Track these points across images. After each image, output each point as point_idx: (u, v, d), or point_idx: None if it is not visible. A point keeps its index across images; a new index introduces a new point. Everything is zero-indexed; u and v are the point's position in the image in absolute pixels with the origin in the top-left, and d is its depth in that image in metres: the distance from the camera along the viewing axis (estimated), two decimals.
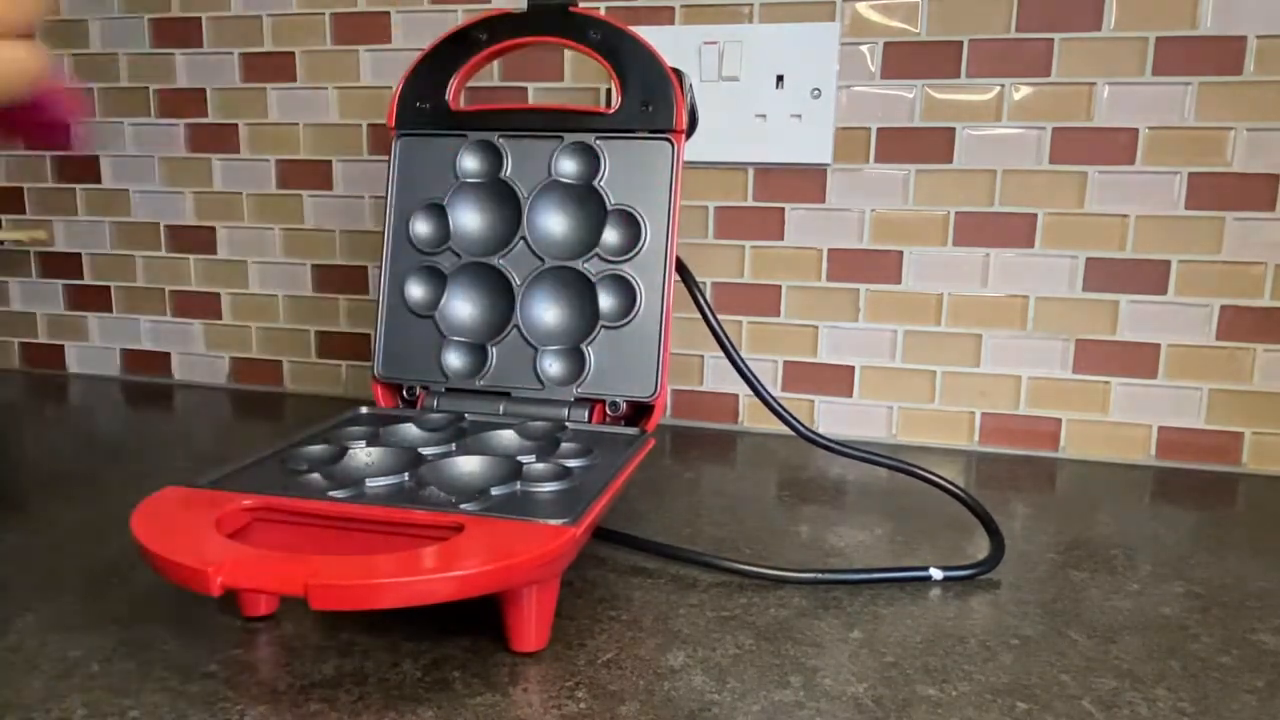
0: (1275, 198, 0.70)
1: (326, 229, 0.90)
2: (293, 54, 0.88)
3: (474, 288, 0.63)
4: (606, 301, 0.61)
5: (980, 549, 0.55)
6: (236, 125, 0.91)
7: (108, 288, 0.98)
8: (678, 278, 0.61)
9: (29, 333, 1.01)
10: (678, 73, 0.60)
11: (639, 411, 0.60)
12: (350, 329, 0.92)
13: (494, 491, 0.45)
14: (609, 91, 0.81)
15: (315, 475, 0.47)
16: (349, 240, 0.90)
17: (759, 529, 0.59)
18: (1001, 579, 0.53)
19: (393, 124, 0.64)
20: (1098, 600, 0.50)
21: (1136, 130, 0.72)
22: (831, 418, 0.81)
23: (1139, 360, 0.75)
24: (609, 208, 0.61)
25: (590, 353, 0.60)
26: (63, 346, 1.00)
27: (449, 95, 0.63)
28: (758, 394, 0.60)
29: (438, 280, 0.63)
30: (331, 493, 0.45)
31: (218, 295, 0.95)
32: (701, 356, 0.83)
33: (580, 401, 0.60)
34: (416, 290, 0.63)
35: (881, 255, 0.78)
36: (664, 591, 0.50)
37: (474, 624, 0.45)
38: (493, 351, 0.62)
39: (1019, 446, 0.78)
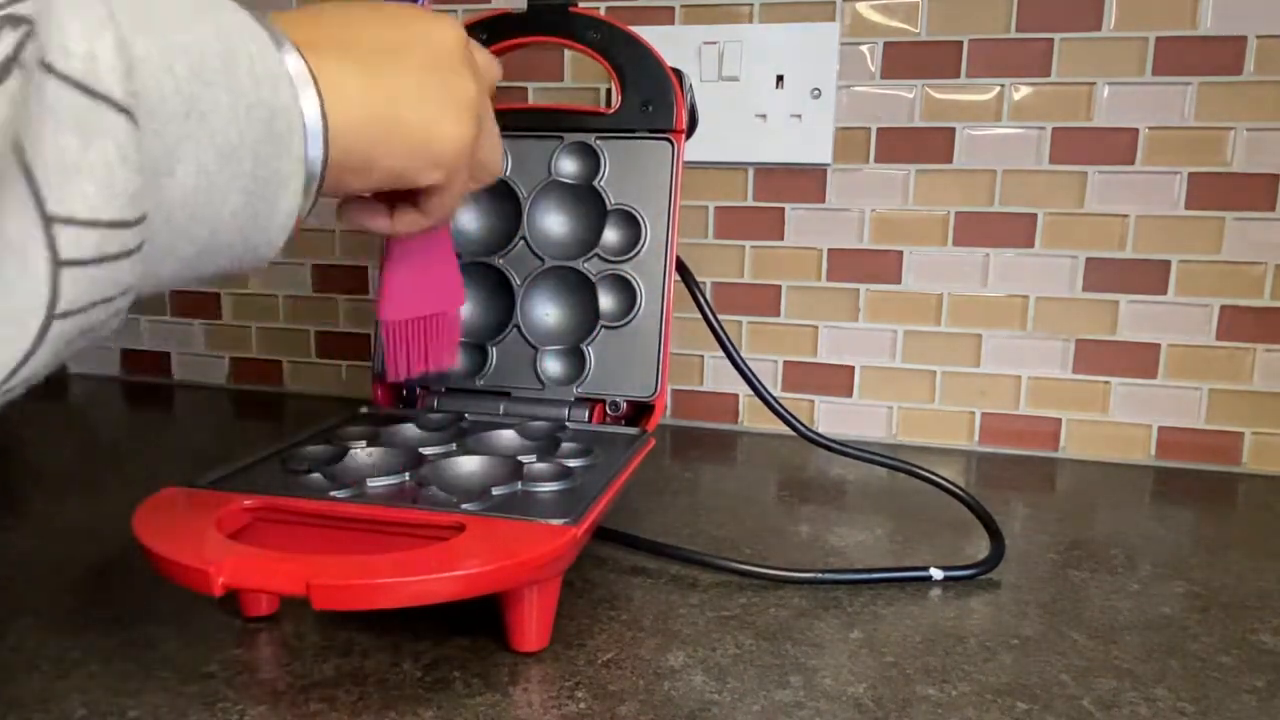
0: (1275, 198, 0.70)
1: (326, 229, 0.90)
2: None
3: (474, 287, 0.63)
4: (607, 301, 0.61)
5: (980, 549, 0.56)
6: None
7: None
8: (678, 277, 0.61)
9: None
10: (678, 73, 0.60)
11: (639, 411, 0.60)
12: (350, 329, 0.92)
13: (495, 491, 0.45)
14: (609, 91, 0.81)
15: (316, 475, 0.47)
16: (349, 240, 0.90)
17: (759, 529, 0.59)
18: (1001, 579, 0.53)
19: None
20: (1098, 600, 0.50)
21: (1136, 130, 0.72)
22: (831, 418, 0.81)
23: (1139, 360, 0.75)
24: (609, 208, 0.61)
25: (590, 352, 0.60)
26: None
27: None
28: (758, 394, 0.60)
29: None
30: (332, 493, 0.45)
31: (217, 295, 0.95)
32: (701, 356, 0.83)
33: (580, 401, 0.60)
34: None
35: (881, 255, 0.78)
36: (664, 591, 0.50)
37: (474, 624, 0.45)
38: (493, 351, 0.62)
39: (1019, 446, 0.78)
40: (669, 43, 0.77)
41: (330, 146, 0.32)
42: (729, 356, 0.60)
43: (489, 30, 0.62)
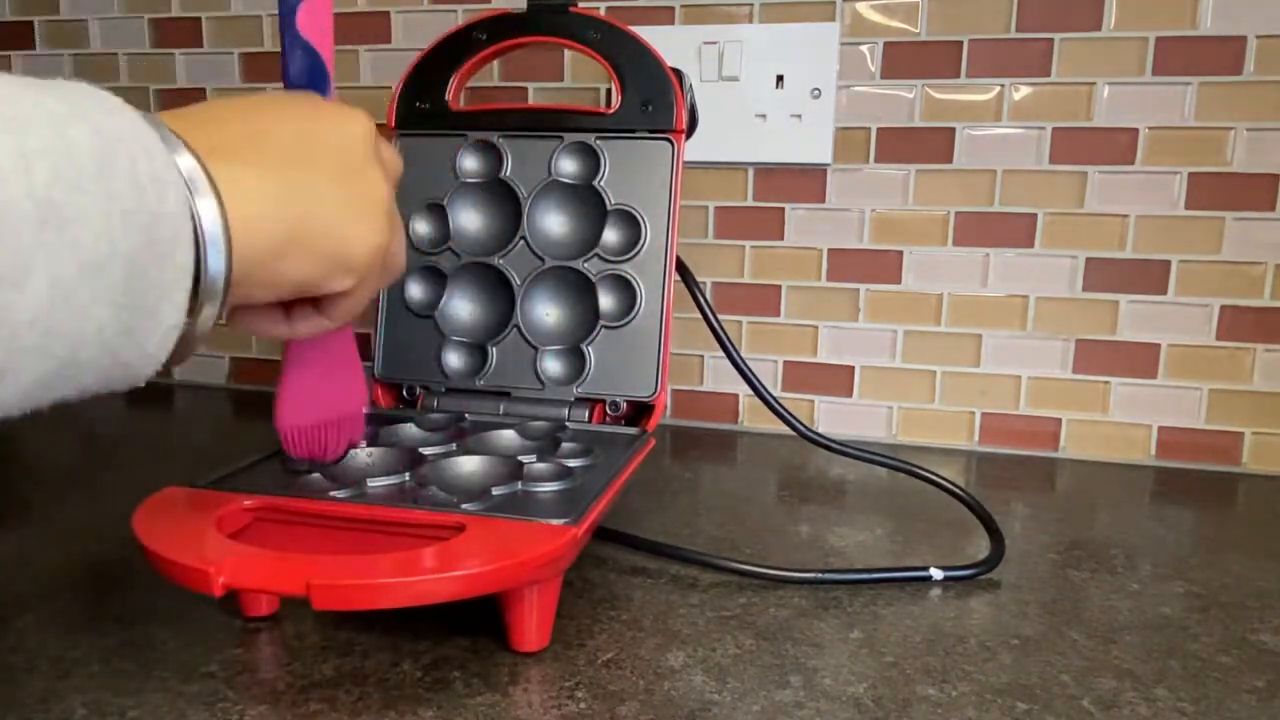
0: (1275, 198, 0.70)
1: None
2: None
3: (474, 288, 0.63)
4: (607, 301, 0.61)
5: (980, 549, 0.56)
6: None
7: None
8: (678, 277, 0.61)
9: None
10: (678, 73, 0.60)
11: (639, 411, 0.60)
12: None
13: (495, 491, 0.45)
14: (609, 91, 0.81)
15: (316, 475, 0.47)
16: None
17: (759, 529, 0.59)
18: (1001, 579, 0.53)
19: (392, 124, 0.64)
20: (1098, 600, 0.50)
21: (1136, 130, 0.72)
22: (831, 418, 0.81)
23: (1139, 360, 0.75)
24: (609, 207, 0.61)
25: (590, 352, 0.60)
26: None
27: (449, 95, 0.63)
28: (758, 394, 0.60)
29: (438, 280, 0.63)
30: (332, 493, 0.45)
31: None
32: (701, 356, 0.83)
33: (580, 401, 0.60)
34: (416, 290, 0.63)
35: (881, 255, 0.78)
36: (664, 591, 0.50)
37: (474, 624, 0.45)
38: (493, 351, 0.62)
39: (1019, 446, 0.78)
40: (669, 43, 0.77)
41: (234, 257, 0.30)
42: (729, 356, 0.60)
43: (489, 30, 0.62)
